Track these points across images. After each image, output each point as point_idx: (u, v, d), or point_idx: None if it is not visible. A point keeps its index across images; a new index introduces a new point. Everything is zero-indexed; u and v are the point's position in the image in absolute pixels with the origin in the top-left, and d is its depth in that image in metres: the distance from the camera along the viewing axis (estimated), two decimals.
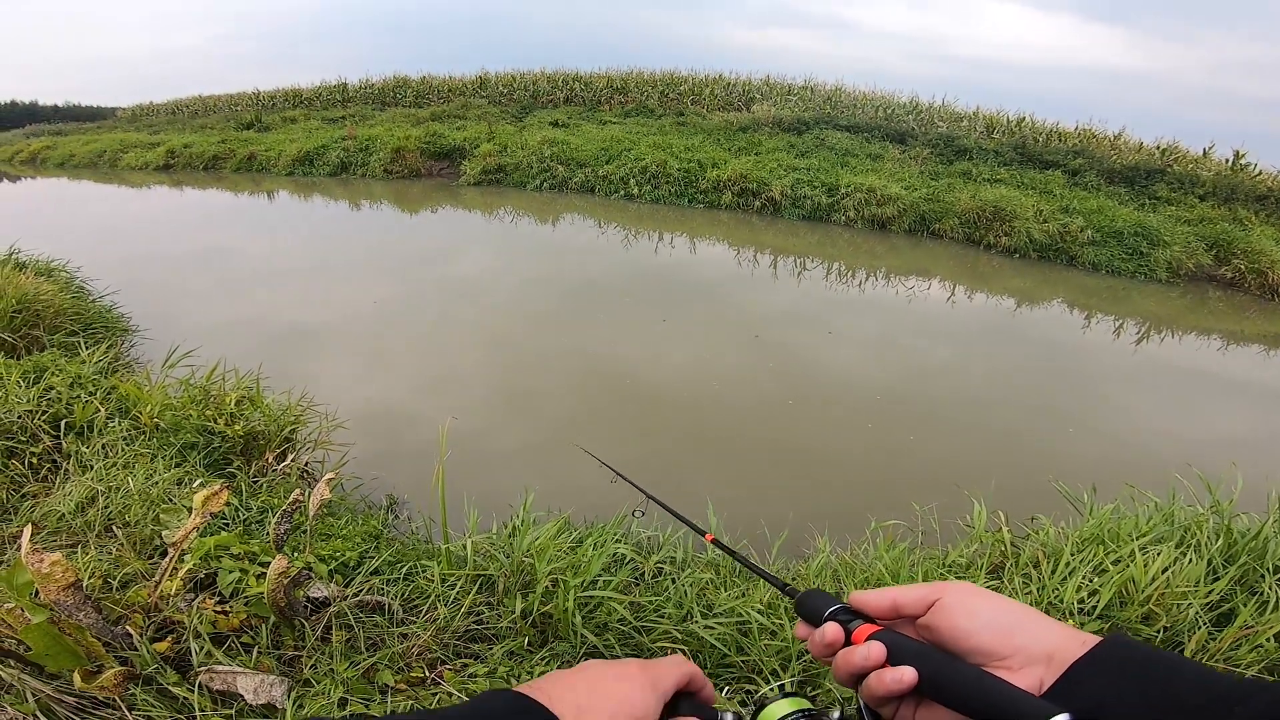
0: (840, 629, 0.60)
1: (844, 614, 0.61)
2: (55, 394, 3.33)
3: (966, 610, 0.57)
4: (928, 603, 0.59)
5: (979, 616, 0.56)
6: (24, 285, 4.80)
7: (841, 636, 0.59)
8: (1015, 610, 0.57)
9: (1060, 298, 9.55)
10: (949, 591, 0.59)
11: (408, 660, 1.98)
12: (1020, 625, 0.55)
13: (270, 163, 19.00)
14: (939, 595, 0.59)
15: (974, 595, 0.58)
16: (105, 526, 2.43)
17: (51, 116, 49.72)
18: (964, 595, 0.58)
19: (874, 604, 0.62)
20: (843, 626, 0.60)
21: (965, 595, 0.58)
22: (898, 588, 0.61)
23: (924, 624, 0.59)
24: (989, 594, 0.59)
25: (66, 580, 1.43)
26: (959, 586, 0.59)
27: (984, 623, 0.55)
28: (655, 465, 4.38)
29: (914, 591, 0.60)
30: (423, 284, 8.50)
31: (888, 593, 0.61)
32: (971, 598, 0.58)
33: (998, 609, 0.57)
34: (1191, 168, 14.37)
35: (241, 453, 3.32)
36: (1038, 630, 0.55)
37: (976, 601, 0.57)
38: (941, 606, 0.58)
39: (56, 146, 26.94)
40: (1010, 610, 0.57)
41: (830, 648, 0.60)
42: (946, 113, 18.29)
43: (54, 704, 1.47)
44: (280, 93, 28.47)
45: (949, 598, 0.58)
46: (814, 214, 12.98)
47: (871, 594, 0.62)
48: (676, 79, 22.35)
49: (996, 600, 0.58)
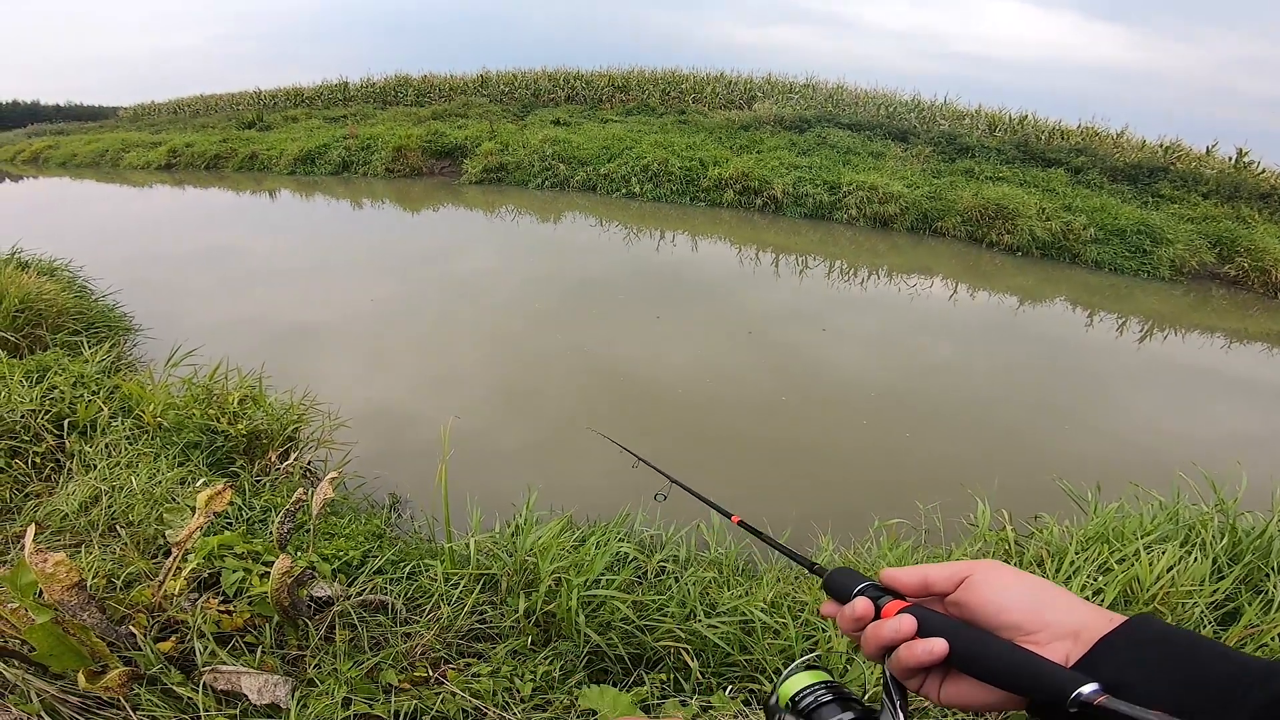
0: (870, 604, 0.61)
1: (873, 590, 0.62)
2: (58, 393, 3.33)
3: (996, 586, 0.58)
4: (958, 579, 0.60)
5: (1009, 592, 0.57)
6: (26, 285, 4.80)
7: (871, 611, 0.60)
8: (1044, 587, 0.58)
9: (1063, 296, 9.53)
10: (979, 569, 0.60)
11: (411, 660, 1.98)
12: (1049, 601, 0.56)
13: (272, 162, 19.01)
14: (969, 572, 0.60)
15: (1004, 572, 0.59)
16: (109, 526, 2.43)
17: (53, 116, 49.76)
18: (994, 572, 0.59)
19: (904, 581, 0.62)
20: (873, 602, 0.61)
21: (995, 572, 0.59)
22: (928, 565, 0.62)
23: (953, 600, 0.60)
24: (1018, 571, 0.60)
25: (70, 580, 1.42)
26: (989, 564, 0.60)
27: (1014, 598, 0.56)
28: (659, 462, 4.37)
29: (944, 569, 0.61)
30: (424, 283, 8.50)
31: (918, 570, 0.62)
32: (1002, 574, 0.59)
33: (1027, 586, 0.58)
34: (1195, 166, 14.33)
35: (244, 452, 3.32)
36: (1066, 607, 0.56)
37: (1006, 578, 0.58)
38: (971, 583, 0.59)
39: (58, 146, 26.97)
40: (1040, 587, 0.58)
41: (859, 622, 0.61)
42: (949, 111, 18.25)
43: (59, 704, 1.46)
44: (282, 92, 28.47)
45: (979, 574, 0.59)
46: (816, 212, 12.97)
47: (902, 571, 0.63)
48: (678, 77, 22.32)
49: (1026, 577, 0.59)
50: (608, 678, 2.22)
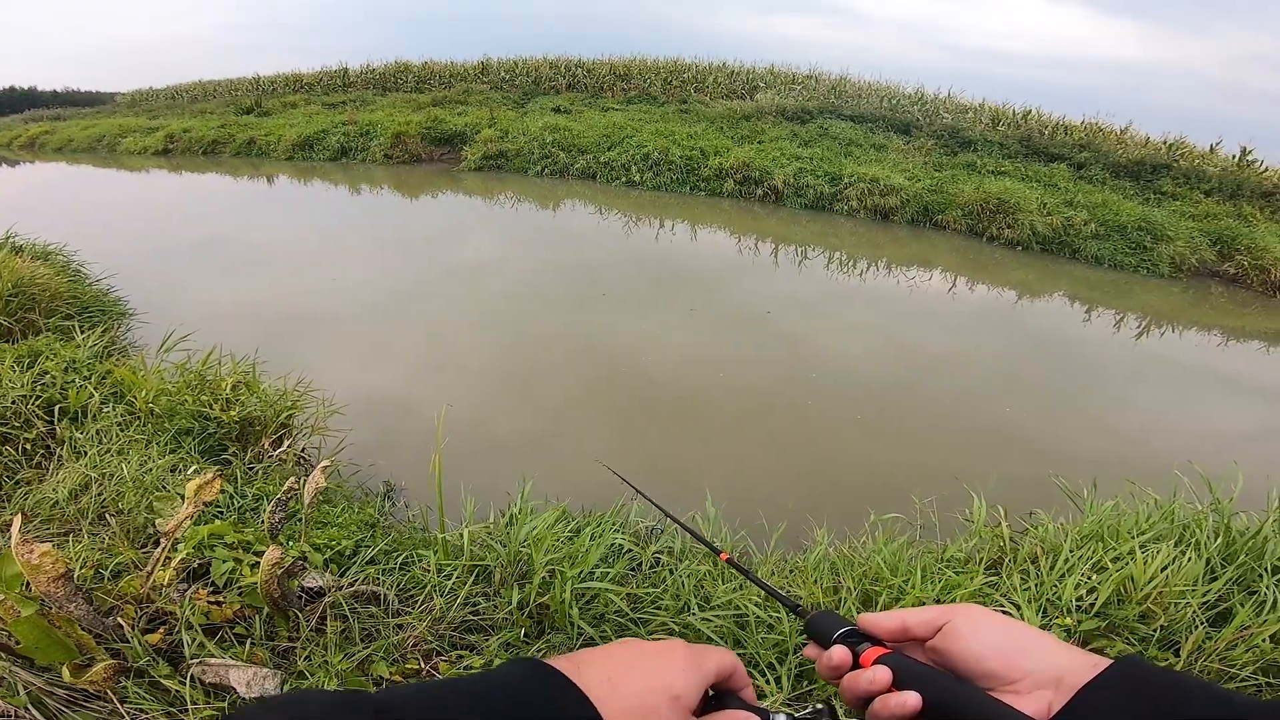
0: (848, 652, 0.59)
1: (853, 636, 0.61)
2: (50, 379, 3.31)
3: (975, 633, 0.56)
4: (936, 625, 0.59)
5: (987, 640, 0.55)
6: (20, 269, 4.77)
7: (849, 659, 0.59)
8: (1025, 633, 0.56)
9: (1062, 291, 9.51)
10: (958, 614, 0.58)
11: (403, 652, 1.97)
12: (1029, 648, 0.54)
13: (270, 148, 18.87)
14: (948, 618, 0.58)
15: (983, 618, 0.58)
16: (98, 514, 2.41)
17: (50, 102, 49.31)
18: (973, 618, 0.58)
19: (883, 626, 0.61)
20: (851, 649, 0.60)
21: (974, 618, 0.58)
22: (908, 610, 0.61)
23: (933, 647, 0.58)
24: (999, 617, 0.58)
25: (56, 571, 1.41)
26: (968, 609, 0.59)
27: (992, 646, 0.55)
28: (654, 453, 4.37)
29: (923, 614, 0.60)
30: (421, 270, 8.47)
31: (897, 615, 0.61)
32: (980, 620, 0.57)
33: (1006, 632, 0.56)
34: (1198, 163, 14.27)
35: (237, 439, 3.30)
36: (1046, 653, 0.54)
37: (985, 624, 0.57)
38: (950, 630, 0.57)
39: (55, 131, 26.76)
40: (1020, 633, 0.56)
41: (837, 670, 0.59)
42: (952, 104, 18.13)
43: (45, 697, 1.45)
44: (281, 78, 28.21)
45: (958, 620, 0.58)
46: (816, 203, 12.92)
47: (881, 616, 0.61)
48: (680, 66, 22.16)
49: (1006, 623, 0.57)
50: None
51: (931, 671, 0.56)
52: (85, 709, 1.47)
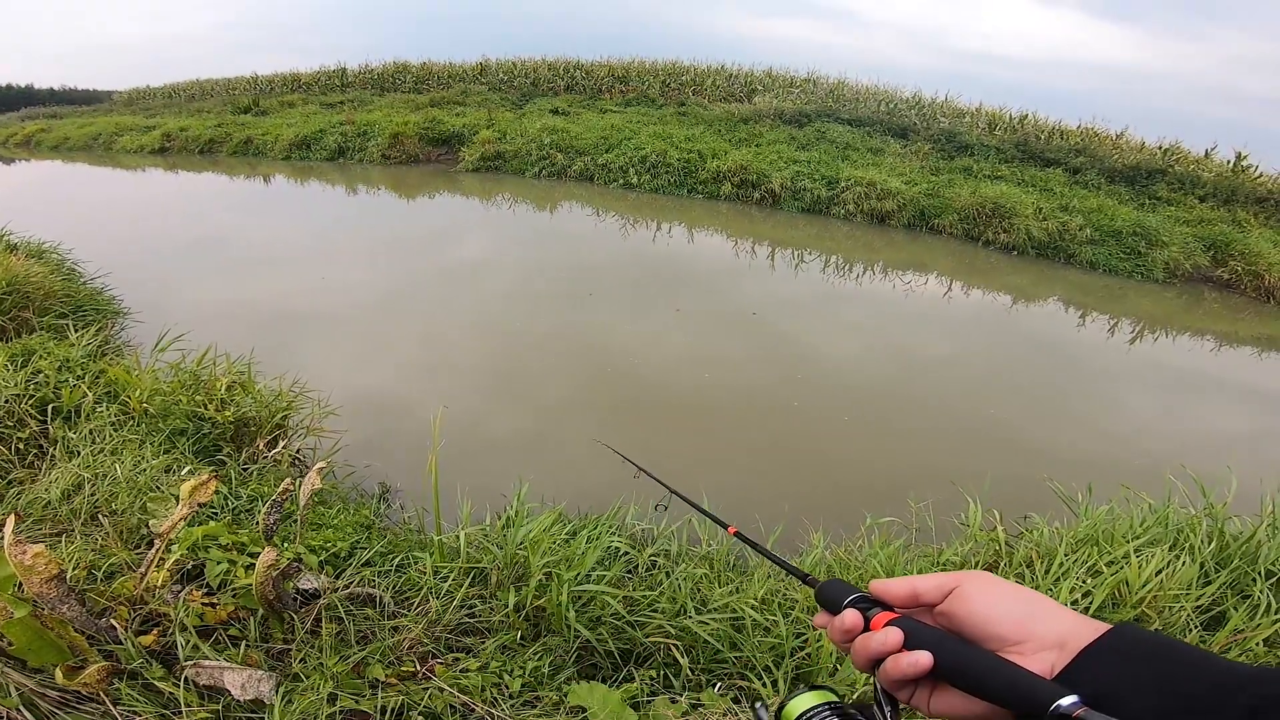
0: (859, 615, 0.62)
1: (863, 602, 0.63)
2: (43, 377, 3.29)
3: (983, 598, 0.58)
4: (945, 590, 0.61)
5: (995, 604, 0.58)
6: (14, 267, 4.74)
7: (860, 623, 0.61)
8: (1030, 598, 0.58)
9: (1057, 295, 9.54)
10: (967, 580, 0.60)
11: (398, 654, 1.96)
12: (1034, 612, 0.57)
13: (267, 147, 18.83)
14: (957, 583, 0.60)
15: (991, 583, 0.60)
16: (91, 515, 2.39)
17: (47, 100, 49.09)
18: (981, 583, 0.60)
19: (893, 592, 0.63)
20: (862, 614, 0.62)
21: (982, 583, 0.60)
22: (917, 576, 0.63)
23: (941, 611, 0.60)
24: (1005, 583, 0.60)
25: (49, 573, 1.39)
26: (977, 575, 0.61)
27: (1000, 610, 0.57)
28: (650, 454, 4.35)
29: (932, 580, 0.62)
30: (417, 270, 8.45)
31: (907, 581, 0.63)
32: (988, 585, 0.60)
33: (1014, 597, 0.58)
34: (1193, 168, 14.34)
35: (232, 439, 3.29)
36: (1051, 617, 0.56)
37: (993, 589, 0.59)
38: (959, 594, 0.59)
39: (51, 129, 26.64)
40: (1026, 598, 0.58)
41: (849, 634, 0.61)
42: (949, 108, 18.19)
43: (37, 699, 1.44)
44: (279, 77, 28.12)
45: (967, 585, 0.60)
46: (813, 207, 12.94)
47: (891, 582, 0.63)
48: (678, 69, 22.17)
49: (1012, 589, 0.60)
50: (597, 674, 2.21)
51: (941, 633, 0.58)
52: (77, 711, 1.45)
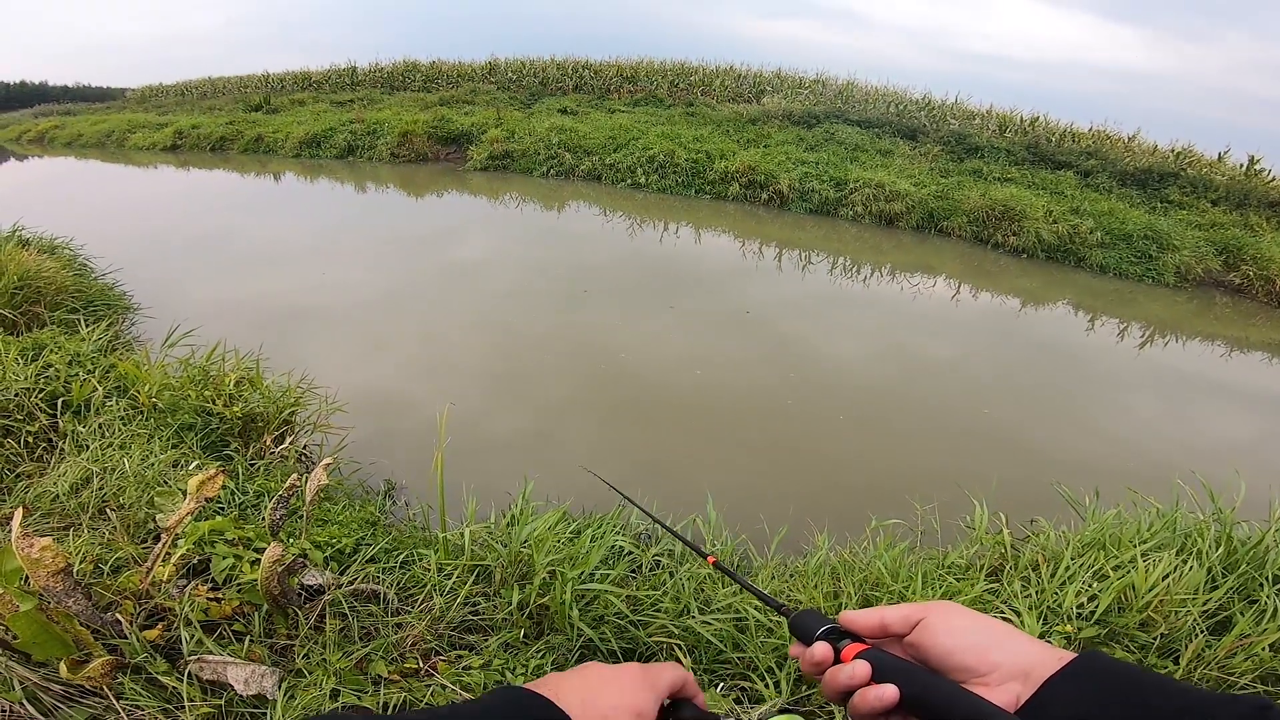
0: (829, 648, 0.62)
1: (834, 634, 0.64)
2: (53, 371, 3.32)
3: (948, 629, 0.60)
4: (912, 622, 0.62)
5: (959, 635, 0.59)
6: (26, 262, 4.78)
7: (830, 656, 0.62)
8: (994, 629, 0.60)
9: (1066, 299, 9.48)
10: (932, 611, 0.62)
11: (401, 651, 1.96)
12: (998, 642, 0.58)
13: (277, 145, 18.94)
14: (923, 615, 0.62)
15: (956, 614, 0.61)
16: (99, 509, 2.41)
17: (61, 97, 49.57)
18: (946, 615, 0.61)
19: (863, 624, 0.64)
20: (832, 645, 0.62)
21: (947, 615, 0.61)
22: (886, 608, 0.64)
23: (910, 642, 0.62)
24: (971, 613, 0.62)
25: (56, 566, 1.40)
26: (942, 607, 0.62)
27: (964, 641, 0.58)
28: (656, 454, 4.36)
29: (900, 611, 0.63)
30: (425, 268, 8.48)
31: (876, 613, 0.64)
32: (953, 617, 0.61)
33: (978, 627, 0.60)
34: (1205, 172, 14.21)
35: (239, 434, 3.30)
36: (1015, 647, 0.57)
37: (957, 620, 0.60)
38: (925, 626, 0.61)
39: (64, 126, 26.89)
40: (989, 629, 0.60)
41: (819, 666, 0.62)
42: (959, 110, 18.10)
43: (41, 692, 1.45)
44: (290, 75, 28.28)
45: (932, 617, 0.61)
46: (821, 208, 12.90)
47: (861, 614, 0.65)
48: (687, 69, 22.16)
49: (977, 620, 0.61)
50: None
51: (908, 665, 0.58)
52: (81, 705, 1.46)
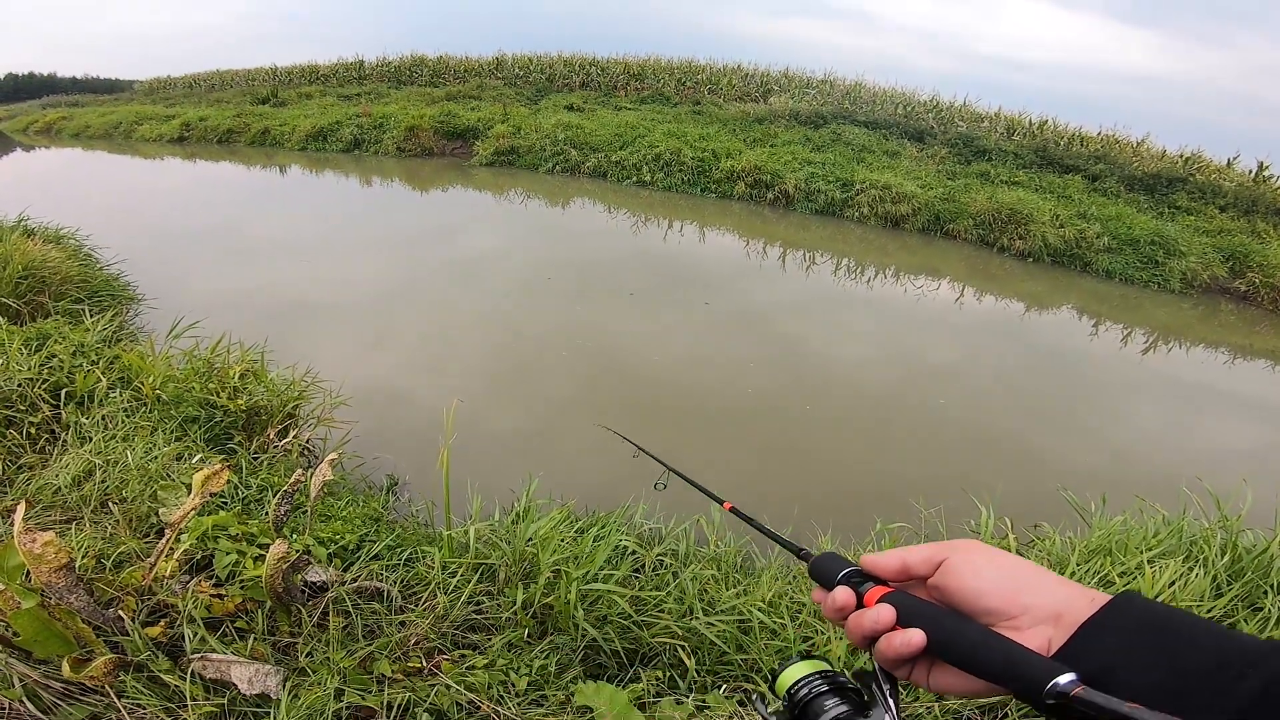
0: (852, 593, 0.60)
1: (856, 576, 0.61)
2: (57, 362, 3.30)
3: (973, 570, 0.56)
4: (935, 563, 0.58)
5: (985, 576, 0.55)
6: (31, 252, 4.77)
7: (853, 600, 0.59)
8: (1022, 568, 0.56)
9: (1071, 304, 9.44)
10: (956, 551, 0.58)
11: (405, 649, 1.95)
12: (1027, 584, 0.54)
13: (284, 138, 18.95)
14: (946, 555, 0.58)
15: (980, 554, 0.57)
16: (101, 502, 2.39)
17: (70, 88, 49.72)
18: (970, 554, 0.57)
19: (884, 566, 0.61)
20: (855, 589, 0.60)
21: (971, 554, 0.57)
22: (907, 549, 0.61)
23: (933, 584, 0.58)
24: (996, 552, 0.58)
25: (59, 562, 1.39)
26: (965, 545, 0.58)
27: (990, 582, 0.55)
28: (659, 453, 4.34)
29: (922, 552, 0.60)
30: (429, 263, 8.46)
31: (897, 554, 0.61)
32: (977, 556, 0.57)
33: (1004, 567, 0.56)
34: (1214, 177, 14.14)
35: (243, 428, 3.29)
36: (1045, 588, 0.54)
37: (982, 560, 0.57)
38: (948, 567, 0.57)
39: (72, 117, 26.97)
40: (1017, 568, 0.56)
41: (842, 611, 0.60)
42: (967, 112, 18.03)
43: (41, 690, 1.43)
44: (297, 69, 28.28)
45: (955, 557, 0.57)
46: (827, 209, 12.85)
47: (882, 556, 0.61)
48: (694, 68, 22.09)
49: (1003, 559, 0.57)
50: (604, 673, 2.19)
51: (934, 609, 0.56)
52: (81, 703, 1.45)
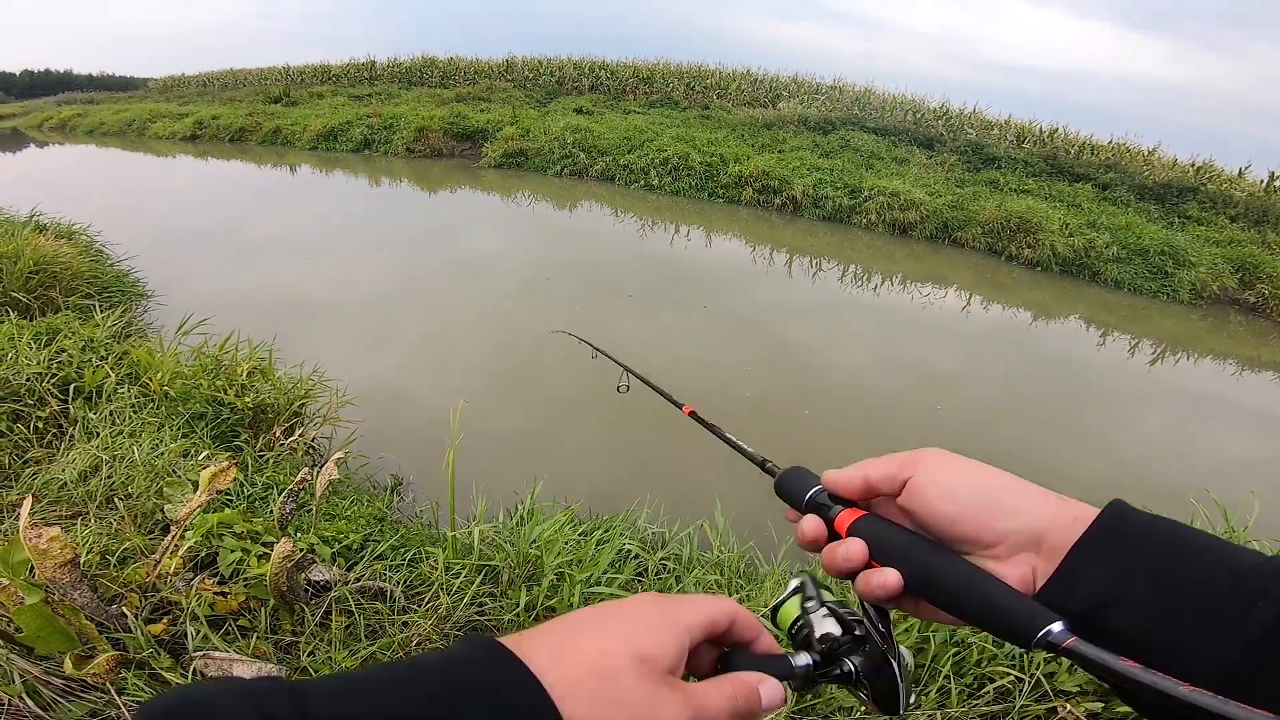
0: (820, 524, 0.54)
1: (823, 497, 0.56)
2: (66, 357, 3.32)
3: (940, 491, 0.49)
4: (899, 481, 0.52)
5: (956, 498, 0.49)
6: (42, 247, 4.80)
7: (823, 531, 0.54)
8: (994, 483, 0.49)
9: (1079, 313, 9.39)
10: (920, 467, 0.51)
11: (407, 650, 1.94)
12: (1000, 504, 0.48)
13: (295, 137, 19.06)
14: (910, 473, 0.51)
15: (945, 470, 0.50)
16: (107, 497, 2.40)
17: (85, 85, 50.21)
18: (935, 472, 0.50)
19: (847, 486, 0.54)
20: (823, 515, 0.55)
21: (935, 472, 0.50)
22: (869, 463, 0.54)
23: (902, 505, 0.52)
24: (963, 464, 0.51)
25: (64, 557, 1.39)
26: (929, 461, 0.51)
27: (962, 505, 0.48)
28: (664, 457, 4.33)
29: (884, 467, 0.53)
30: (433, 264, 8.48)
31: (858, 471, 0.54)
32: (942, 475, 0.50)
33: (974, 486, 0.49)
34: (1225, 187, 14.07)
35: (249, 425, 3.29)
36: (1021, 507, 0.48)
37: (948, 478, 0.50)
38: (914, 487, 0.51)
39: (87, 114, 27.21)
40: (988, 484, 0.49)
41: (814, 543, 0.54)
42: (977, 120, 18.00)
43: (41, 686, 1.43)
44: (309, 68, 28.49)
45: (920, 475, 0.51)
46: (834, 215, 12.83)
47: (844, 474, 0.54)
48: (703, 72, 22.14)
49: (971, 472, 0.50)
50: None
51: (907, 540, 0.50)
52: (81, 699, 1.44)
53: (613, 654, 0.41)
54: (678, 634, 0.44)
